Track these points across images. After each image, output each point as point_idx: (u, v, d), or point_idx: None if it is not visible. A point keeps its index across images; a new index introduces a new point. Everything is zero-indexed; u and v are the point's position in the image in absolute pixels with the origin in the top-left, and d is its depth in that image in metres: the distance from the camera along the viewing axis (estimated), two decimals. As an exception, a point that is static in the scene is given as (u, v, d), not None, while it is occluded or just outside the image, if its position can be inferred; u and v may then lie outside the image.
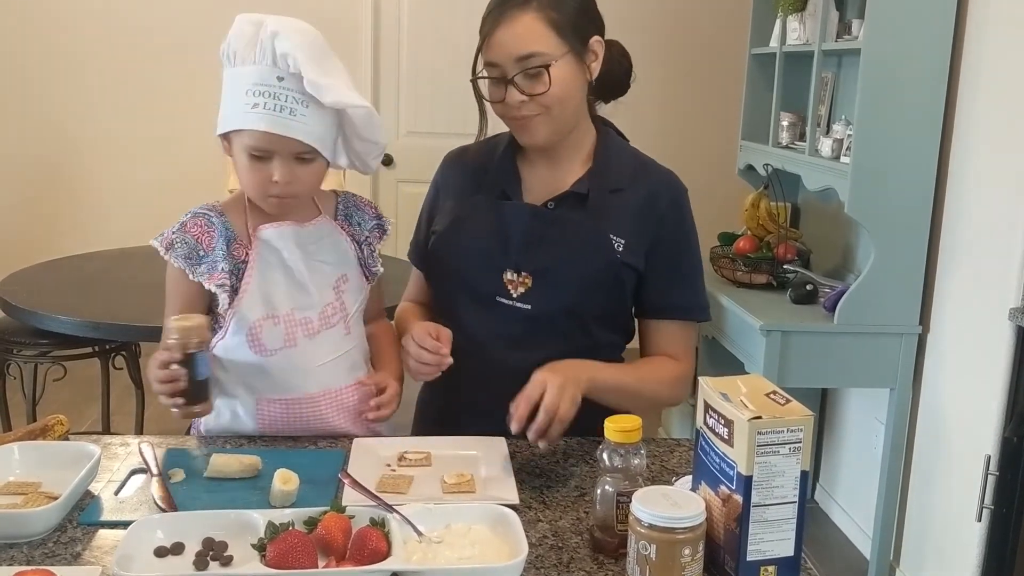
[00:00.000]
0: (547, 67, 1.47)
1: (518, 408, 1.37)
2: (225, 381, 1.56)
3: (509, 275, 1.56)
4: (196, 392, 1.41)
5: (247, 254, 1.52)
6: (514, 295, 1.56)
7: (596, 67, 1.56)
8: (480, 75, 1.53)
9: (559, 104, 1.51)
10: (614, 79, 1.63)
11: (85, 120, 4.81)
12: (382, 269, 1.66)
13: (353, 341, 1.61)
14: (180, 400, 1.40)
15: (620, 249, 1.55)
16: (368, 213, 1.66)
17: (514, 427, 1.37)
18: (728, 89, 4.25)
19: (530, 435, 1.37)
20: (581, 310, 1.56)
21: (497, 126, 1.62)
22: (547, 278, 1.55)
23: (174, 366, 1.38)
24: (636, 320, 1.67)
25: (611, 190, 1.58)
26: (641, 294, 1.61)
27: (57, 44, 4.73)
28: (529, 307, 1.55)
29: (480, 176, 1.64)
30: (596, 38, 1.56)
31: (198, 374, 1.40)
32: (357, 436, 1.56)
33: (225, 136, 1.51)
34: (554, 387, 1.38)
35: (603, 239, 1.55)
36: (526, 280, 1.56)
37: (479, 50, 1.52)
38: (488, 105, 1.56)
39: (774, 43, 3.27)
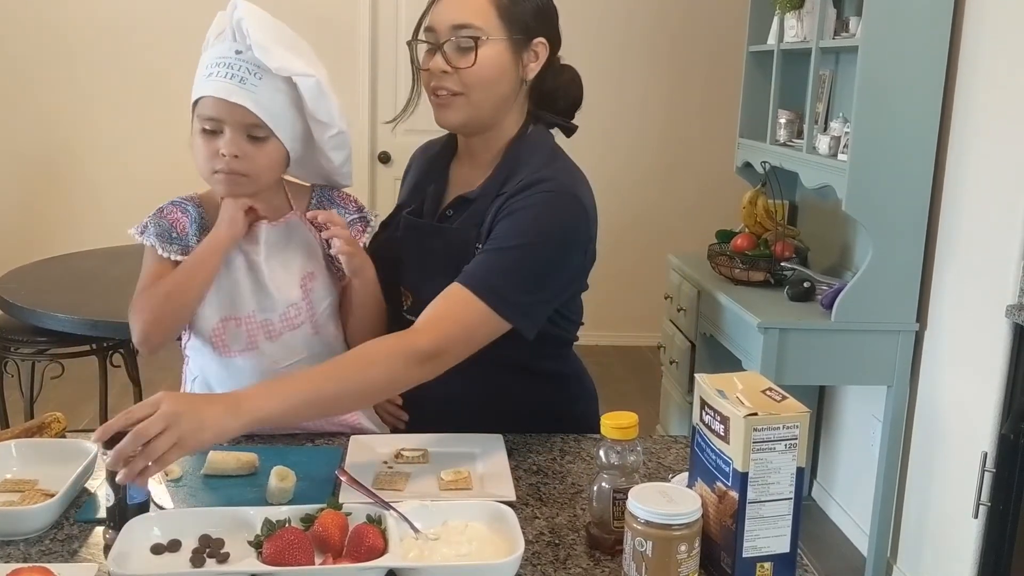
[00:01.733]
0: (476, 40, 1.46)
1: (114, 421, 1.16)
2: (200, 379, 1.56)
3: (403, 289, 1.59)
4: (126, 518, 1.16)
5: None
6: (405, 307, 1.59)
7: (534, 68, 1.55)
8: (418, 39, 1.53)
9: (481, 86, 1.49)
10: (562, 103, 1.62)
11: (81, 118, 4.80)
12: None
13: (323, 342, 1.56)
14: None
15: None
16: (348, 208, 1.61)
17: (95, 435, 1.17)
18: (726, 87, 4.25)
19: (110, 456, 1.14)
20: None
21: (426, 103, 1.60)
22: (422, 292, 1.53)
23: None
24: None
25: (497, 194, 1.52)
26: None
27: (53, 44, 4.73)
28: (415, 319, 1.51)
29: (421, 177, 1.67)
30: (541, 40, 1.54)
31: (130, 497, 1.17)
32: (343, 434, 1.56)
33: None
34: (162, 418, 1.15)
35: (468, 250, 1.50)
36: (409, 295, 1.58)
37: (422, 16, 1.52)
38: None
39: (772, 40, 3.27)
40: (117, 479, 1.15)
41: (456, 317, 1.42)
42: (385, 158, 4.83)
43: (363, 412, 1.62)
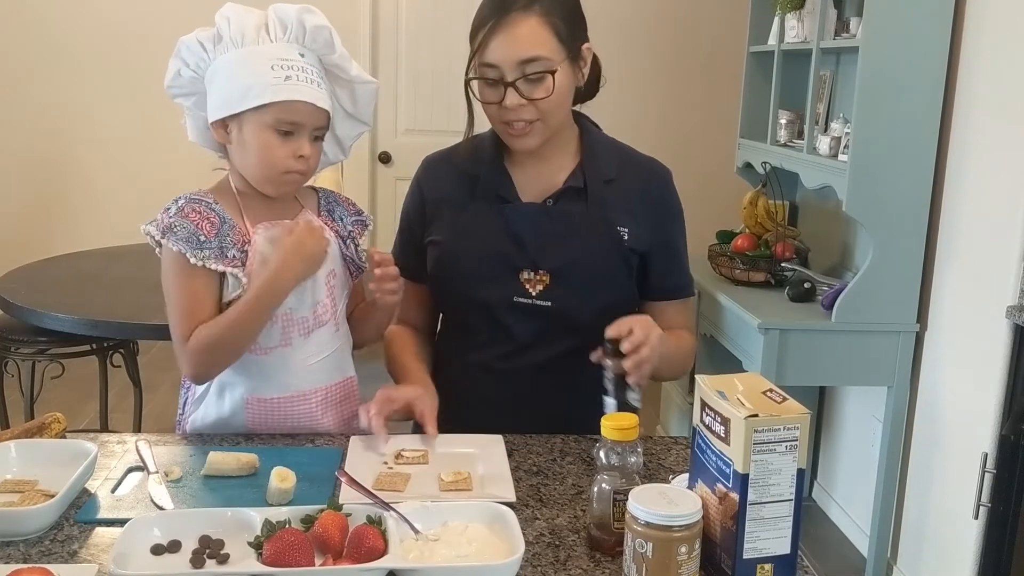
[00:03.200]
0: (552, 73, 1.49)
1: (632, 335, 1.40)
2: (219, 379, 1.56)
3: (526, 275, 1.59)
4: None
5: (243, 243, 1.50)
6: (533, 293, 1.58)
7: (586, 72, 1.60)
8: (475, 76, 1.53)
9: (556, 110, 1.53)
10: (587, 84, 1.65)
11: (82, 118, 4.80)
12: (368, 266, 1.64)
13: (342, 338, 1.61)
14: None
15: (626, 238, 1.60)
16: (348, 210, 1.65)
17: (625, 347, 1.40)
18: (726, 87, 4.25)
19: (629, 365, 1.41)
20: (599, 301, 1.59)
21: (481, 128, 1.64)
22: (565, 273, 1.58)
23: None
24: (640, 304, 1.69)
25: (605, 180, 1.61)
26: (646, 277, 1.65)
27: (53, 45, 4.73)
28: (550, 304, 1.58)
29: (471, 182, 1.65)
30: (587, 45, 1.58)
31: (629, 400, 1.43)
32: (343, 434, 1.57)
33: (224, 121, 1.48)
34: (654, 344, 1.42)
35: (612, 230, 1.60)
36: (544, 278, 1.58)
37: (475, 51, 1.52)
38: (477, 108, 1.57)
39: (772, 41, 3.27)
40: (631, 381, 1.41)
41: (693, 320, 1.75)
42: (385, 158, 4.83)
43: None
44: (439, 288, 1.69)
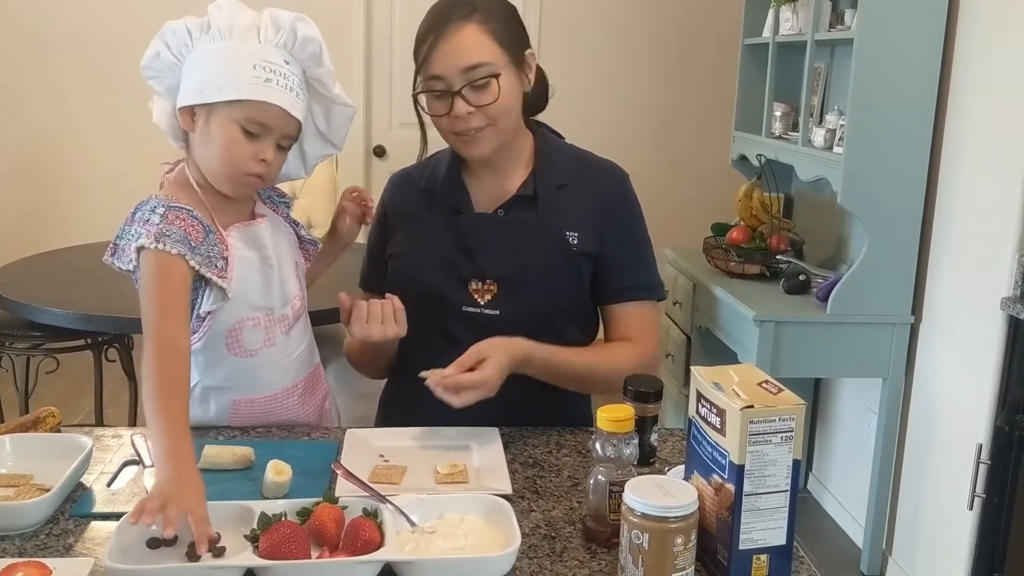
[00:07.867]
0: (496, 77, 1.50)
1: (450, 372, 1.41)
2: (202, 384, 1.53)
3: (474, 284, 1.59)
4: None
5: (224, 252, 1.46)
6: (481, 303, 1.59)
7: (531, 77, 1.60)
8: (422, 90, 1.55)
9: (504, 115, 1.54)
10: (535, 96, 1.65)
11: (72, 116, 4.80)
12: (319, 243, 1.69)
13: (309, 327, 1.64)
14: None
15: (575, 242, 1.59)
16: (277, 192, 1.65)
17: (433, 380, 1.40)
18: (721, 79, 4.25)
19: (443, 392, 1.40)
20: (548, 309, 1.59)
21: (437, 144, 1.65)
22: (512, 282, 1.58)
23: None
24: (598, 310, 1.69)
25: (556, 187, 1.62)
26: (599, 281, 1.64)
27: (42, 42, 4.73)
28: (498, 312, 1.58)
29: (429, 197, 1.66)
30: (530, 51, 1.59)
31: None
32: (315, 427, 1.60)
33: (193, 109, 1.44)
34: (493, 373, 1.42)
35: (559, 236, 1.59)
36: (491, 287, 1.58)
37: (419, 66, 1.54)
38: (428, 122, 1.58)
39: (767, 33, 3.27)
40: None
41: (655, 326, 1.68)
42: (380, 152, 4.83)
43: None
44: None
